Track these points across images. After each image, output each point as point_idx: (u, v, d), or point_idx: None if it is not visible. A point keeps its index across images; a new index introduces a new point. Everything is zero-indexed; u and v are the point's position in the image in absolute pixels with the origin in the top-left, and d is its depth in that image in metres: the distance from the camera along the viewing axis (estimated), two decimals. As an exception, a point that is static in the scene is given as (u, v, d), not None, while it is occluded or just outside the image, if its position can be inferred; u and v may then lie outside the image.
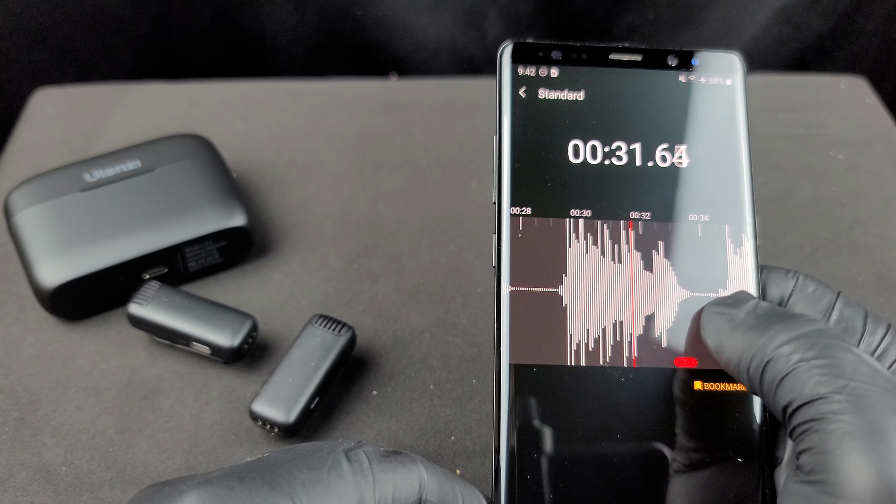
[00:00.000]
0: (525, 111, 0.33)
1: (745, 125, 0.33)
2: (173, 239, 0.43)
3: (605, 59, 0.33)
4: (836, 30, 0.72)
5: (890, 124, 0.56)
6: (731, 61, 0.34)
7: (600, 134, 0.33)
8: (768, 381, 0.26)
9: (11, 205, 0.44)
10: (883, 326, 0.29)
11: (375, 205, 0.50)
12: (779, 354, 0.26)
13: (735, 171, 0.33)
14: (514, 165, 0.32)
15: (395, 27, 0.71)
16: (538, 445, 0.30)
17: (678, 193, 0.32)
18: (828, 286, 0.31)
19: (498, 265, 0.31)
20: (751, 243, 0.32)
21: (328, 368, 0.39)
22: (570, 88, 0.33)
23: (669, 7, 0.70)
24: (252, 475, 0.27)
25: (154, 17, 0.70)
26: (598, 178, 0.32)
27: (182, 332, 0.40)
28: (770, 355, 0.26)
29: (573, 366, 0.30)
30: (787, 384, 0.26)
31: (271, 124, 0.56)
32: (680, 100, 0.33)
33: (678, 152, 0.33)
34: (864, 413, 0.24)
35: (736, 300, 0.30)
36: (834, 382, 0.25)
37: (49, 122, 0.56)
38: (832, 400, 0.24)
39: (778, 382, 0.26)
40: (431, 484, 0.29)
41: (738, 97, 0.34)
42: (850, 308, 0.30)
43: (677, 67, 0.34)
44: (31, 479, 0.37)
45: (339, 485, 0.27)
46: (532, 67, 0.33)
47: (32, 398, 0.40)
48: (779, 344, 0.26)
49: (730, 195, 0.32)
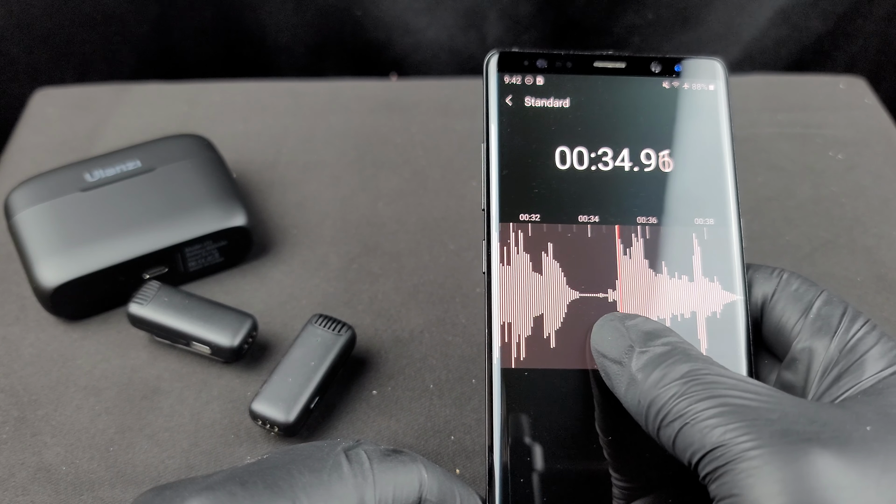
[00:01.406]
0: (512, 119, 0.33)
1: (729, 129, 0.34)
2: (173, 239, 0.43)
3: (589, 67, 0.34)
4: (835, 30, 0.72)
5: (889, 124, 0.56)
6: (713, 67, 0.34)
7: (586, 140, 0.33)
8: (665, 440, 0.26)
9: (12, 205, 0.44)
10: (860, 321, 0.29)
11: (375, 205, 0.50)
12: (665, 410, 0.26)
13: (720, 174, 0.33)
14: (501, 173, 0.32)
15: (395, 27, 0.71)
16: (531, 448, 0.30)
17: (664, 197, 0.32)
18: (813, 283, 0.31)
19: (488, 271, 0.31)
20: (737, 244, 0.32)
21: (328, 368, 0.39)
22: (556, 96, 0.33)
23: (669, 8, 0.70)
24: (253, 479, 0.27)
25: (154, 17, 0.70)
26: (585, 183, 0.32)
27: (182, 331, 0.40)
28: (660, 414, 0.26)
29: (565, 369, 0.31)
30: (683, 440, 0.25)
31: (271, 124, 0.56)
32: (664, 105, 0.34)
33: (663, 157, 0.33)
34: (766, 450, 0.24)
35: (620, 349, 0.29)
36: (724, 425, 0.25)
37: (49, 122, 0.56)
38: (729, 444, 0.24)
39: (673, 439, 0.26)
40: (431, 483, 0.29)
41: (720, 102, 0.34)
42: (829, 305, 0.30)
43: (661, 74, 0.34)
44: (32, 479, 0.37)
45: (340, 486, 0.27)
46: (518, 76, 0.33)
47: (33, 398, 0.40)
48: (661, 401, 0.26)
49: (715, 198, 0.33)
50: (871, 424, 0.25)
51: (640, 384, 0.27)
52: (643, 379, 0.27)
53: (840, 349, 0.29)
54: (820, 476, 0.23)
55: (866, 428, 0.25)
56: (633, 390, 0.27)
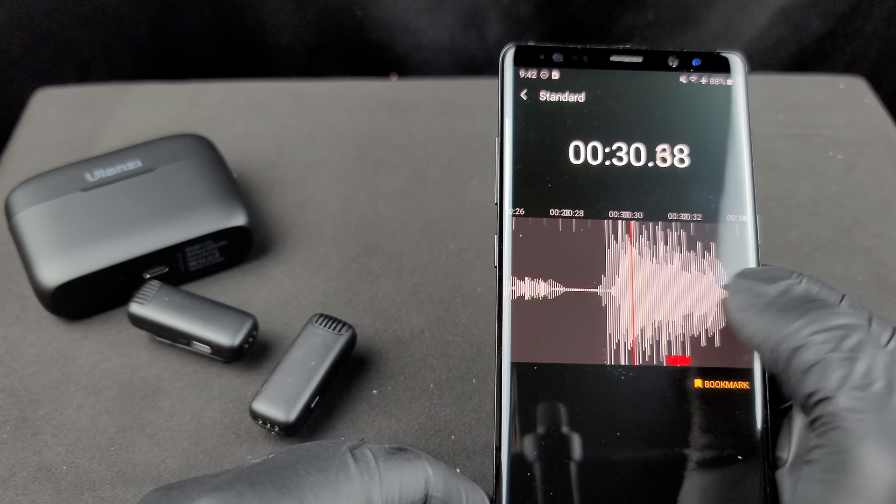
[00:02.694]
0: (527, 113, 0.33)
1: (747, 125, 0.33)
2: (174, 238, 0.43)
3: (605, 62, 0.34)
4: (835, 30, 0.72)
5: (889, 124, 0.57)
6: (732, 62, 0.34)
7: (601, 135, 0.33)
8: (795, 367, 0.26)
9: (12, 204, 0.44)
10: (889, 330, 0.29)
11: (375, 205, 0.50)
12: (811, 342, 0.26)
13: (737, 171, 0.33)
14: (515, 167, 0.32)
15: (396, 28, 0.71)
16: (539, 444, 0.30)
17: (679, 193, 0.32)
18: (832, 289, 0.30)
19: (500, 265, 0.31)
20: (752, 242, 0.32)
21: (328, 367, 0.39)
22: (571, 90, 0.33)
23: (669, 8, 0.70)
24: (261, 479, 0.27)
25: (154, 17, 0.70)
26: (599, 178, 0.32)
27: (183, 331, 0.40)
28: (801, 341, 0.26)
29: (574, 364, 0.31)
30: (815, 374, 0.25)
31: (272, 124, 0.56)
32: (681, 101, 0.33)
33: (679, 153, 0.33)
34: (886, 414, 0.24)
35: (770, 276, 0.29)
36: (861, 380, 0.24)
37: (50, 122, 0.56)
38: (856, 397, 0.24)
39: (805, 370, 0.26)
40: (437, 480, 0.29)
41: (739, 97, 0.34)
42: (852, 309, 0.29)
43: (678, 69, 0.34)
44: (32, 478, 0.37)
45: (347, 486, 0.27)
46: (534, 70, 0.33)
47: (33, 397, 0.41)
48: (812, 332, 0.26)
49: (731, 195, 0.32)
50: None
51: (783, 310, 0.27)
52: (788, 306, 0.27)
53: None
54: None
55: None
56: (770, 315, 0.27)
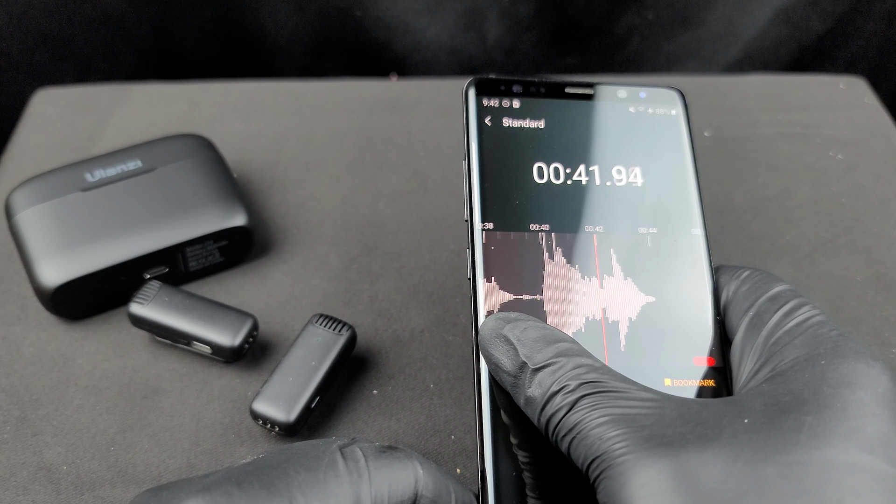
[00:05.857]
0: (491, 138, 0.35)
1: (691, 148, 0.36)
2: (174, 238, 0.43)
3: (561, 93, 0.36)
4: (835, 30, 0.72)
5: (889, 124, 0.57)
6: (672, 96, 0.37)
7: (561, 157, 0.35)
8: (564, 452, 0.27)
9: (12, 205, 0.44)
10: (798, 313, 0.29)
11: (375, 205, 0.50)
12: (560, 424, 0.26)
13: (685, 189, 0.35)
14: (483, 185, 0.34)
15: (395, 28, 0.71)
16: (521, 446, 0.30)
17: (635, 210, 0.34)
18: (771, 280, 0.31)
19: (473, 277, 0.32)
20: (705, 252, 0.34)
21: (329, 367, 0.39)
22: (532, 117, 0.36)
23: (669, 8, 0.70)
24: (250, 479, 0.27)
25: (154, 17, 0.70)
26: (562, 196, 0.34)
27: (183, 331, 0.40)
28: (554, 426, 0.27)
29: None
30: (576, 451, 0.26)
31: (271, 124, 0.56)
32: (631, 127, 0.36)
33: (632, 174, 0.35)
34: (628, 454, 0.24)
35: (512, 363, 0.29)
36: (604, 434, 0.25)
37: (50, 122, 0.56)
38: (607, 452, 0.25)
39: (568, 451, 0.26)
40: (427, 480, 0.29)
41: (681, 124, 0.37)
42: (771, 301, 0.30)
43: (626, 100, 0.37)
44: (33, 478, 0.37)
45: (336, 485, 0.27)
46: (496, 99, 0.36)
47: (34, 397, 0.41)
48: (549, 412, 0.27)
49: (682, 211, 0.35)
50: (752, 416, 0.25)
51: (535, 402, 0.27)
52: (539, 396, 0.27)
53: (766, 343, 0.29)
54: (677, 475, 0.24)
55: (744, 420, 0.25)
56: (531, 408, 0.27)
